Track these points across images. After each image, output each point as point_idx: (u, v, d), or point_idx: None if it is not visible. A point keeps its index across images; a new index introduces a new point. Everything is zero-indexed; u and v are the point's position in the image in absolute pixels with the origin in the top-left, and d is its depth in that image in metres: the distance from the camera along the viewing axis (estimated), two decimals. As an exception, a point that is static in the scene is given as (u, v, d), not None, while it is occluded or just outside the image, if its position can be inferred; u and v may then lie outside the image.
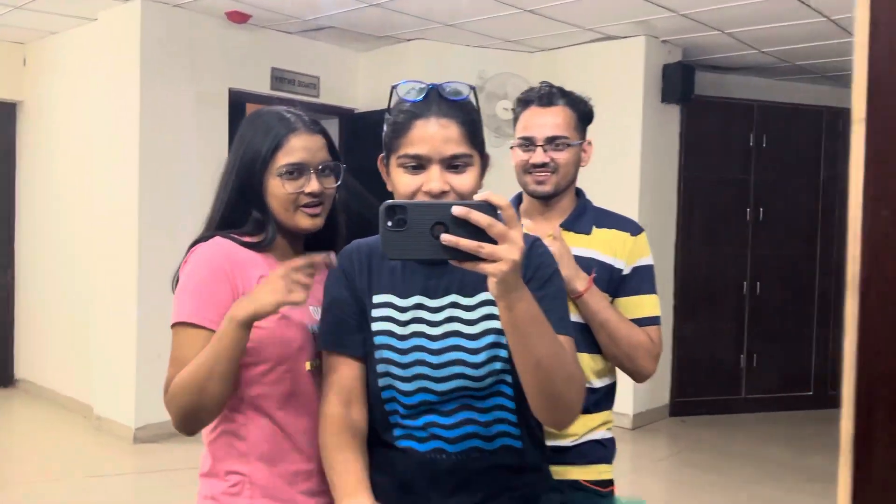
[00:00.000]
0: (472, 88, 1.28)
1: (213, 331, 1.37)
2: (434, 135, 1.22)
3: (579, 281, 1.66)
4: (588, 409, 1.72)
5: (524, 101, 1.82)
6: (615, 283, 1.75)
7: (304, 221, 1.47)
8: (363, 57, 5.89)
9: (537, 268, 1.28)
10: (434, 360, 1.27)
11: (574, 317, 1.69)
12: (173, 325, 1.41)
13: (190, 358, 1.36)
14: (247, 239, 1.48)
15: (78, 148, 5.36)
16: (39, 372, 5.85)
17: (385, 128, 1.30)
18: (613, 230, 1.78)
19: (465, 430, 1.27)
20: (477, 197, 1.00)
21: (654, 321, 1.76)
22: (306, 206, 1.47)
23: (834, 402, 6.03)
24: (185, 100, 4.79)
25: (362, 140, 5.45)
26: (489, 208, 0.99)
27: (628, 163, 5.18)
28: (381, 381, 1.30)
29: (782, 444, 5.18)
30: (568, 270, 1.64)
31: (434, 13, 4.84)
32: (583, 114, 1.80)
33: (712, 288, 5.78)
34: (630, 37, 5.21)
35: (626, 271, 1.76)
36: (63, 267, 5.55)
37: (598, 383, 1.76)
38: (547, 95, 1.79)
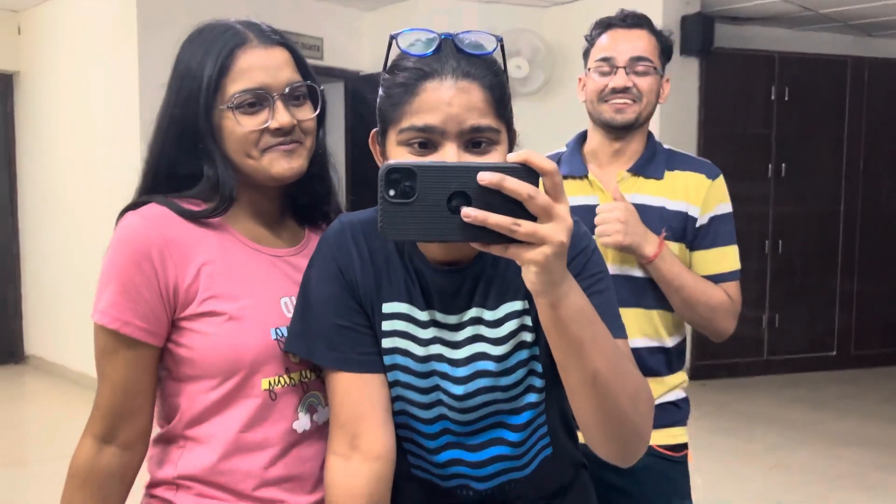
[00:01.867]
0: (499, 41, 0.96)
1: (138, 340, 1.05)
2: (451, 100, 0.90)
3: (648, 245, 1.52)
4: (660, 372, 1.62)
5: (603, 24, 1.63)
6: (690, 232, 1.60)
7: (279, 165, 1.08)
8: (368, 16, 5.69)
9: (585, 263, 1.00)
10: (459, 390, 1.03)
11: (639, 272, 1.58)
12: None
13: (117, 380, 1.07)
14: (191, 207, 1.09)
15: (78, 117, 5.23)
16: (49, 348, 5.80)
17: (381, 92, 0.98)
18: (688, 172, 1.63)
19: (497, 466, 1.07)
20: (512, 157, 0.75)
21: (733, 276, 1.63)
22: (277, 145, 1.08)
23: (858, 363, 5.96)
24: (185, 65, 4.62)
25: (370, 104, 5.28)
26: (528, 173, 0.75)
27: (646, 120, 5.00)
28: (396, 406, 1.06)
29: (807, 408, 5.06)
30: (635, 235, 1.51)
31: (441, -33, 4.63)
32: (665, 45, 1.64)
33: (733, 247, 5.61)
34: (647, -13, 4.98)
35: (702, 221, 1.61)
36: (68, 239, 5.46)
37: (670, 342, 1.64)
38: (631, 16, 1.62)
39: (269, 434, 1.10)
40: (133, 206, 1.12)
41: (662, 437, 1.62)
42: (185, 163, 1.11)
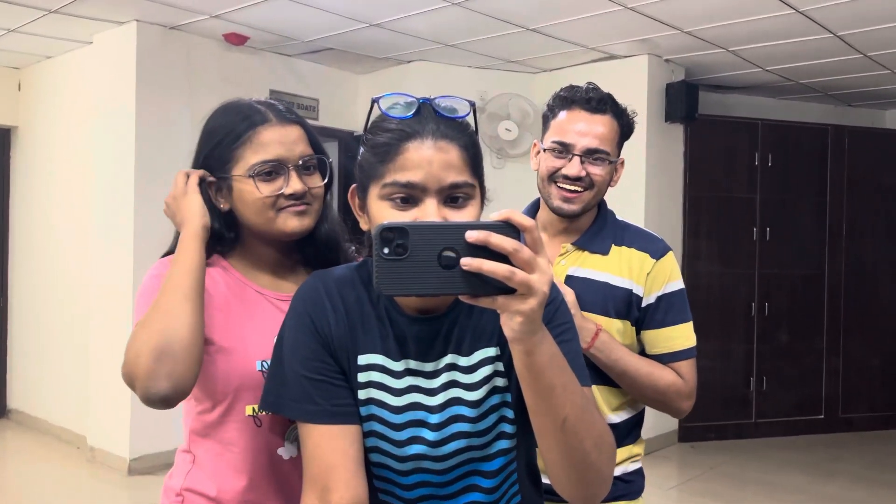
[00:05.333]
0: (472, 105, 1.03)
1: None
2: (431, 159, 0.96)
3: (583, 334, 1.49)
4: None
5: (567, 100, 1.59)
6: (636, 310, 1.57)
7: (291, 223, 1.23)
8: (363, 79, 5.83)
9: (554, 313, 1.04)
10: (434, 436, 1.05)
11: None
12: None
13: None
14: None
15: (74, 173, 5.29)
16: (32, 402, 5.72)
17: (362, 150, 1.04)
18: (633, 250, 1.59)
19: None
20: (495, 216, 0.81)
21: (684, 355, 1.59)
22: (290, 206, 1.24)
23: (845, 426, 5.95)
24: (183, 124, 4.71)
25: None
26: (511, 230, 0.80)
27: (633, 183, 5.09)
28: (373, 458, 1.07)
29: (796, 471, 5.04)
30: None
31: (435, 33, 4.79)
32: (626, 128, 1.61)
33: (720, 309, 5.66)
34: (633, 56, 5.15)
35: (649, 300, 1.57)
36: (58, 294, 5.45)
37: (615, 417, 1.60)
38: (597, 101, 1.56)
39: (255, 456, 1.24)
40: (168, 254, 1.31)
41: None
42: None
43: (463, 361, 1.06)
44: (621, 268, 1.58)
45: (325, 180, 1.29)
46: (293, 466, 1.24)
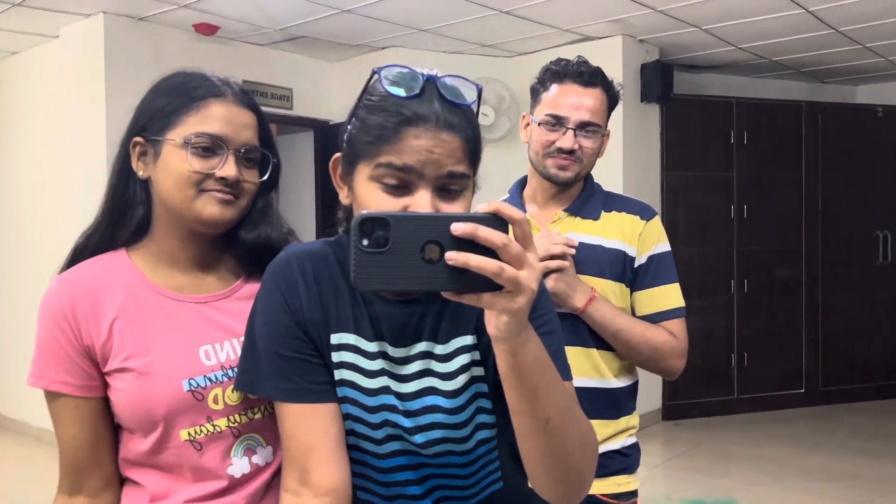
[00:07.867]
0: (479, 90, 0.97)
1: (69, 395, 1.09)
2: (432, 147, 0.90)
3: (577, 296, 1.52)
4: (603, 415, 1.58)
5: (559, 74, 1.59)
6: (629, 271, 1.61)
7: (211, 209, 1.08)
8: (337, 67, 5.78)
9: (536, 303, 0.98)
10: (409, 423, 1.00)
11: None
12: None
13: (65, 436, 1.11)
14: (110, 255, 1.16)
15: (46, 169, 5.19)
16: (10, 404, 5.64)
17: (354, 122, 0.96)
18: (623, 213, 1.63)
19: (440, 493, 1.05)
20: (482, 208, 0.75)
21: (675, 313, 1.61)
22: (216, 191, 1.09)
23: (825, 399, 6.04)
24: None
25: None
26: (499, 223, 0.74)
27: (609, 163, 5.09)
28: (348, 440, 1.03)
29: (780, 444, 5.10)
30: (564, 284, 1.51)
31: (407, 18, 4.74)
32: (613, 101, 1.64)
33: (700, 287, 5.69)
34: (607, 37, 5.14)
35: (640, 260, 1.61)
36: (35, 293, 5.34)
37: (617, 383, 1.62)
38: (589, 74, 1.58)
39: (201, 478, 1.11)
40: (76, 257, 1.20)
41: (607, 486, 1.58)
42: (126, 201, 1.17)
43: (439, 350, 1.01)
44: (613, 231, 1.61)
45: (263, 178, 1.15)
46: (246, 481, 1.13)
